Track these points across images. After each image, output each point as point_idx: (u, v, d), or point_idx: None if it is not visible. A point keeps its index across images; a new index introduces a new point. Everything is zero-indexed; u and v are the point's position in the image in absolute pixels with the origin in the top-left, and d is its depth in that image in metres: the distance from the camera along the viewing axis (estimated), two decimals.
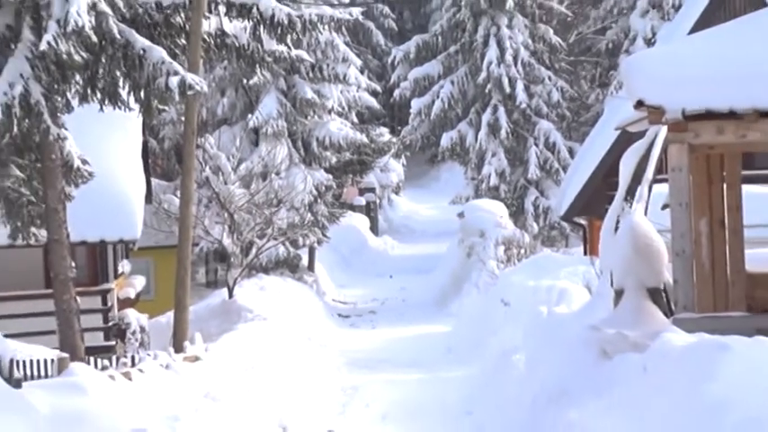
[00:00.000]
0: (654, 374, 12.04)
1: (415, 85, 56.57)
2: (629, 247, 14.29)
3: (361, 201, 57.04)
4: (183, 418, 17.54)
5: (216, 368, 22.93)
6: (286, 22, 25.22)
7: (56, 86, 20.83)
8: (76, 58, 20.20)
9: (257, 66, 28.60)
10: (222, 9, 24.07)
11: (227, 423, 18.77)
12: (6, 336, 18.60)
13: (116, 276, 31.94)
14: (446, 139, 54.98)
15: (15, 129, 19.97)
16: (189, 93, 21.75)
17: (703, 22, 32.55)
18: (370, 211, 58.36)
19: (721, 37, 15.16)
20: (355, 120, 47.59)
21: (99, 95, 21.92)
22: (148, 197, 32.74)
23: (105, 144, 27.31)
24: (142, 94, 22.07)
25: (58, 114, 21.13)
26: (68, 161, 21.91)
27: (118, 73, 21.42)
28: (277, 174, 40.25)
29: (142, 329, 30.01)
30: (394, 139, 55.45)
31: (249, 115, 43.15)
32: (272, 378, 24.37)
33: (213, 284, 39.30)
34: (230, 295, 35.83)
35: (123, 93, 21.98)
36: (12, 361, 17.08)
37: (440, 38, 57.15)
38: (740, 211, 16.29)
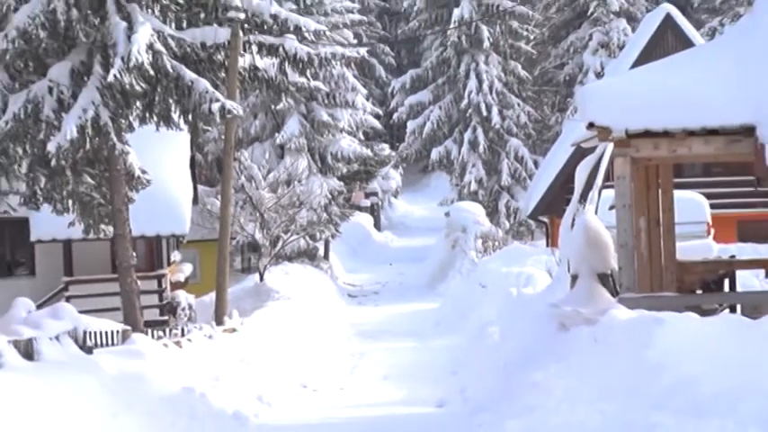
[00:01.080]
0: (603, 343, 12.08)
1: (410, 109, 56.37)
2: (582, 240, 14.31)
3: (367, 203, 56.91)
4: (223, 378, 17.64)
5: (249, 338, 22.96)
6: (306, 59, 25.20)
7: (120, 111, 20.85)
8: (137, 88, 20.24)
9: (283, 94, 28.69)
10: (255, 48, 24.07)
11: (258, 382, 18.82)
12: (80, 312, 18.58)
13: (169, 264, 31.91)
14: (435, 153, 54.78)
15: (88, 145, 20.02)
16: (228, 116, 21.78)
17: (642, 59, 32.53)
18: (373, 211, 58.26)
19: (657, 71, 15.19)
20: (362, 137, 47.53)
21: (155, 118, 21.95)
22: (195, 200, 32.76)
23: (160, 157, 27.29)
24: (190, 117, 22.09)
25: (122, 133, 21.17)
26: (130, 171, 21.94)
27: (170, 100, 21.45)
28: (299, 181, 40.16)
29: (190, 307, 30.03)
30: (393, 153, 55.47)
31: (276, 134, 43.20)
32: (295, 346, 24.41)
33: (247, 270, 39.26)
34: (261, 279, 35.81)
35: (175, 116, 22.01)
36: (85, 332, 17.06)
37: (430, 72, 56.91)
38: (672, 212, 16.35)
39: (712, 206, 28.85)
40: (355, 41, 48.16)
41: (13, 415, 10.39)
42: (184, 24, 22.26)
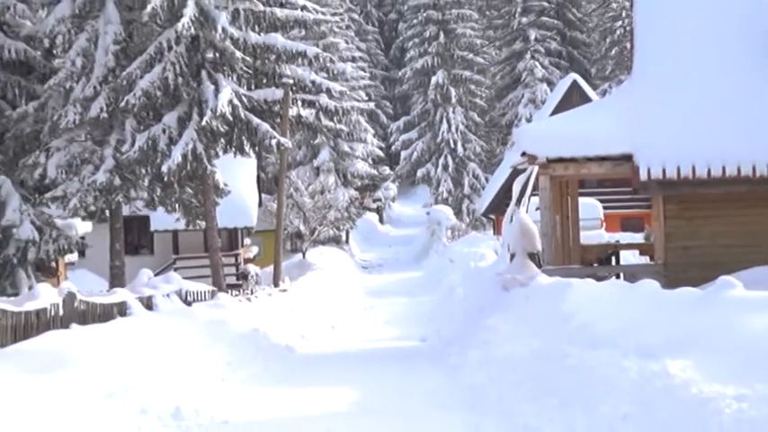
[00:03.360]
0: (532, 300, 12.11)
1: (402, 143, 56.53)
2: (517, 230, 14.35)
3: (373, 205, 56.87)
4: (278, 322, 17.69)
5: (295, 295, 23.07)
6: (333, 110, 25.23)
7: (210, 144, 20.90)
8: (221, 129, 20.31)
9: (318, 133, 28.72)
10: (299, 102, 24.13)
11: (301, 325, 18.89)
12: (184, 278, 18.65)
13: (242, 246, 32.11)
14: (419, 173, 54.99)
15: (188, 167, 20.07)
16: (281, 148, 21.87)
17: (557, 110, 32.67)
18: (378, 211, 58.19)
19: (567, 118, 15.21)
20: (370, 162, 47.75)
21: (233, 149, 22.05)
22: (260, 203, 32.98)
23: (236, 175, 27.38)
24: (256, 148, 22.26)
25: (211, 159, 21.21)
26: (217, 184, 21.98)
27: (243, 137, 21.51)
28: (328, 191, 40.42)
29: (256, 275, 30.19)
30: (391, 173, 55.97)
31: (313, 160, 43.64)
32: (326, 300, 24.53)
33: (294, 251, 39.33)
34: (303, 256, 36.10)
35: (246, 147, 22.11)
36: (186, 292, 17.12)
37: (416, 118, 56.99)
38: (577, 211, 16.38)
39: (604, 207, 28.96)
40: (366, 98, 48.32)
41: (139, 346, 10.45)
42: (253, 86, 22.33)
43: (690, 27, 13.48)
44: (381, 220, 58.55)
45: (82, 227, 22.40)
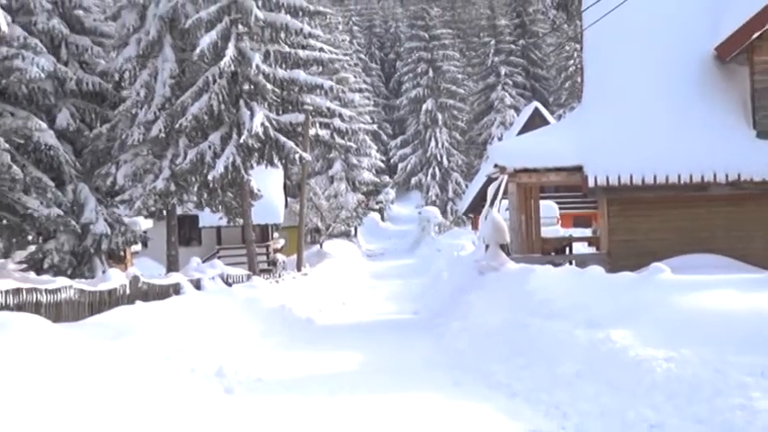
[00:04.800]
0: (502, 281, 12.09)
1: (399, 157, 56.50)
2: (491, 226, 14.34)
3: (376, 207, 56.79)
4: (300, 299, 17.64)
5: (314, 278, 23.00)
6: (344, 130, 25.22)
7: (246, 158, 20.85)
8: (255, 146, 20.25)
9: (332, 149, 28.63)
10: (317, 125, 24.10)
11: (318, 301, 18.83)
12: (225, 264, 18.70)
13: (271, 238, 32.04)
14: (413, 181, 54.99)
15: (229, 176, 20.06)
16: (303, 161, 21.76)
17: (522, 131, 32.70)
18: (380, 211, 58.17)
19: (530, 136, 15.18)
20: (374, 172, 47.51)
21: (265, 161, 21.99)
22: (285, 205, 32.83)
23: (267, 182, 27.39)
24: (283, 161, 22.12)
25: (248, 169, 21.18)
26: (251, 190, 21.93)
27: (273, 152, 21.44)
28: (340, 196, 40.38)
29: (283, 262, 30.08)
30: (390, 181, 55.83)
31: (328, 170, 43.28)
32: (339, 282, 24.47)
33: (313, 243, 39.27)
34: (320, 247, 35.89)
35: (275, 161, 22.01)
36: (227, 275, 17.15)
37: (410, 137, 57.00)
38: (538, 212, 16.34)
39: (560, 208, 28.89)
40: (370, 121, 48.27)
41: (189, 318, 10.44)
42: (280, 112, 22.28)
43: (629, 63, 13.45)
44: (383, 219, 58.45)
45: (144, 223, 22.46)
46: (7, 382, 5.73)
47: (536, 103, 41.93)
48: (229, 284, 16.18)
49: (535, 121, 36.70)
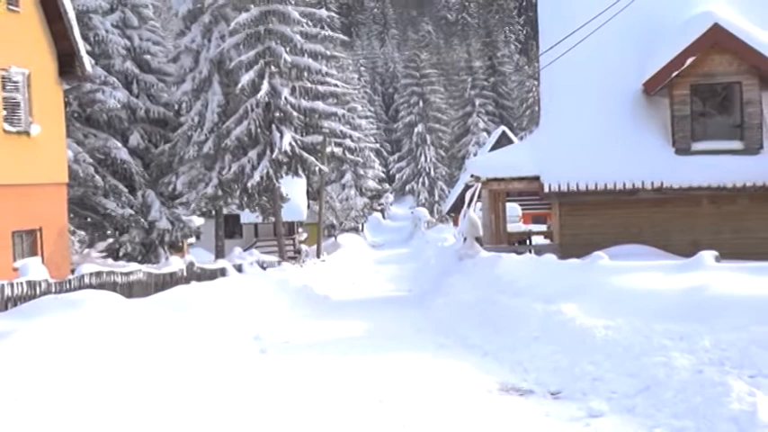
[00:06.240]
0: (477, 266, 12.03)
1: (397, 169, 56.57)
2: (468, 222, 14.31)
3: (379, 208, 56.72)
4: (319, 281, 17.49)
5: (330, 264, 22.92)
6: (354, 148, 25.27)
7: (278, 170, 20.88)
8: (284, 160, 20.26)
9: (344, 163, 28.59)
10: (333, 143, 24.09)
11: (333, 282, 18.71)
12: (261, 253, 18.70)
13: (297, 232, 31.96)
14: (407, 188, 55.02)
15: (264, 184, 20.04)
16: (321, 172, 21.77)
17: (493, 149, 32.52)
18: (381, 211, 58.10)
19: (499, 153, 15.12)
20: (377, 180, 47.56)
21: (292, 172, 21.96)
22: (308, 206, 32.73)
23: (293, 188, 27.33)
24: (306, 173, 22.10)
25: (279, 179, 21.17)
26: (281, 194, 21.93)
27: (298, 166, 21.44)
28: (350, 199, 40.29)
29: (306, 251, 29.96)
30: (389, 188, 55.60)
31: (341, 179, 43.19)
32: (349, 267, 24.37)
33: (329, 236, 39.24)
34: (335, 239, 35.78)
35: (300, 172, 22.00)
36: (263, 261, 17.15)
37: (405, 153, 57.00)
38: (505, 212, 16.28)
39: (522, 209, 28.79)
40: (374, 141, 48.11)
41: (233, 295, 10.43)
42: (303, 134, 22.27)
43: (576, 96, 13.41)
44: (384, 217, 58.33)
45: (197, 221, 22.45)
46: (92, 338, 5.75)
47: (503, 127, 41.82)
48: (264, 268, 16.16)
49: (502, 141, 36.63)
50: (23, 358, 4.85)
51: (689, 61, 12.00)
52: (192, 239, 24.48)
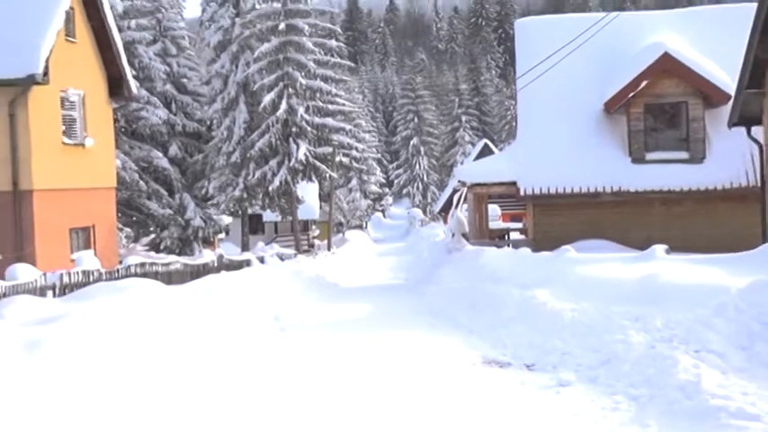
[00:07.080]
0: (464, 258, 11.97)
1: (395, 176, 56.53)
2: (456, 221, 14.28)
3: (380, 208, 56.67)
4: (329, 271, 17.37)
5: (339, 256, 22.83)
6: (359, 158, 25.20)
7: (294, 176, 20.83)
8: (300, 168, 20.22)
9: (350, 170, 28.51)
10: (341, 154, 24.03)
11: (341, 271, 18.56)
12: (281, 247, 18.67)
13: (310, 229, 31.81)
14: (404, 191, 55.01)
15: (283, 188, 20.01)
16: (331, 179, 21.72)
17: (477, 158, 32.36)
18: (382, 211, 58.02)
19: (482, 162, 15.06)
20: (378, 185, 47.21)
21: (306, 178, 21.92)
22: (320, 207, 32.64)
23: (308, 192, 27.28)
24: (318, 179, 22.05)
25: (295, 183, 21.12)
26: (297, 197, 21.89)
27: (311, 173, 21.41)
28: (356, 201, 40.20)
29: (318, 245, 29.83)
30: (389, 191, 55.59)
31: (348, 184, 43.07)
32: (356, 258, 24.29)
33: (338, 232, 39.17)
34: (343, 235, 35.69)
35: (314, 177, 21.95)
36: (282, 254, 17.12)
37: (402, 162, 56.92)
38: (487, 212, 16.23)
39: (502, 209, 28.64)
40: (376, 152, 48.02)
41: (256, 282, 10.42)
42: (316, 146, 22.22)
43: (548, 113, 13.37)
44: (384, 216, 58.32)
45: (226, 219, 22.47)
46: (136, 318, 5.76)
47: (485, 140, 41.76)
48: (282, 260, 16.14)
49: (485, 152, 36.54)
50: (79, 335, 4.89)
51: (643, 84, 12.04)
52: (222, 235, 24.51)
